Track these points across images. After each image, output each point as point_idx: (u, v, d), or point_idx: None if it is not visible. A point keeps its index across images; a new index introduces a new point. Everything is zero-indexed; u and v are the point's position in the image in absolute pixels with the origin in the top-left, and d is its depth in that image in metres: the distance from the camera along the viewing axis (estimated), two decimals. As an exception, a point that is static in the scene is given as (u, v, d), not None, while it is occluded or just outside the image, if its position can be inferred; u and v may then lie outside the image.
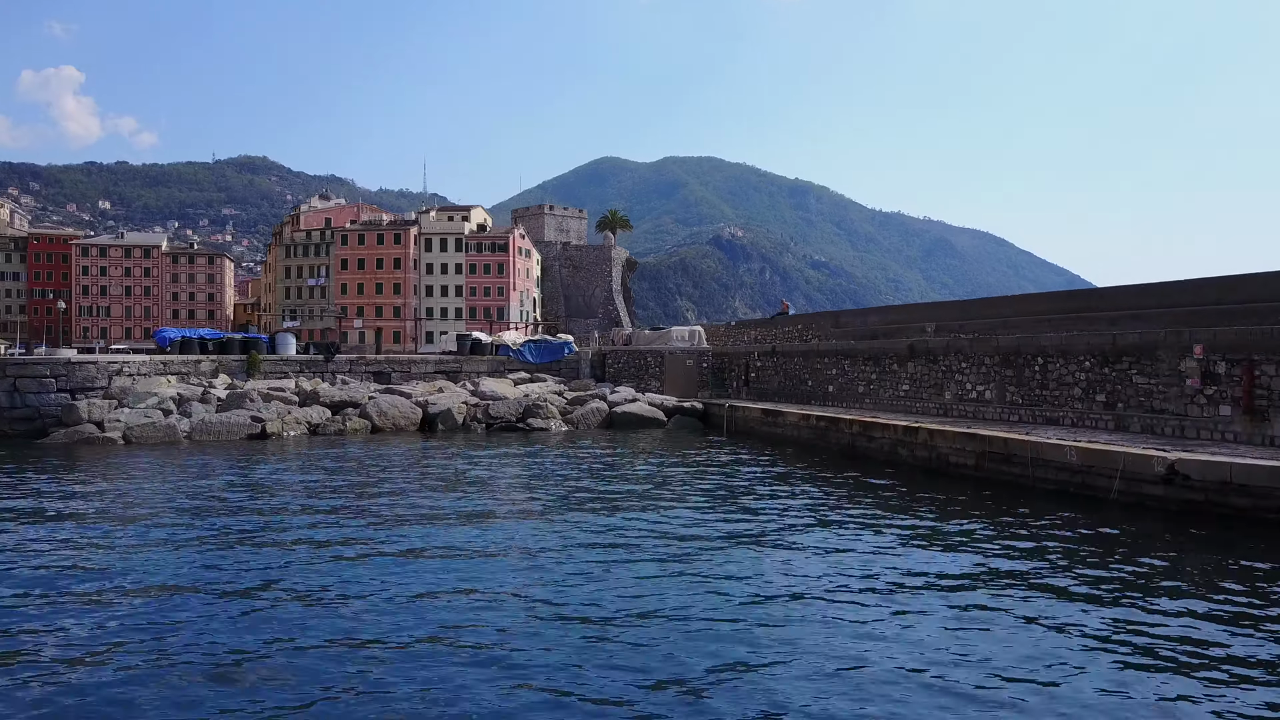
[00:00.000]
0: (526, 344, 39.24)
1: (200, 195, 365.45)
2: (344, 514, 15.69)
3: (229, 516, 15.32)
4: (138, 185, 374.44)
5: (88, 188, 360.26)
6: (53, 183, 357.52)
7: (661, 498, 18.04)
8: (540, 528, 14.74)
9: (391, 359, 37.15)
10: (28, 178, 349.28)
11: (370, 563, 11.95)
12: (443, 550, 12.83)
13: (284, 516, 15.37)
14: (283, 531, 14.08)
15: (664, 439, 30.80)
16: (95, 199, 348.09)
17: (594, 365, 39.65)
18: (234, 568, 11.59)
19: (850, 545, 13.25)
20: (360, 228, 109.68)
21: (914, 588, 10.63)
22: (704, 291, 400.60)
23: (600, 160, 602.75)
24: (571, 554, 12.60)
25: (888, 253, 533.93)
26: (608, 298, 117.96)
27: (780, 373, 34.34)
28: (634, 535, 14.00)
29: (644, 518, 15.67)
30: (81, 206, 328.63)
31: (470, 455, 25.50)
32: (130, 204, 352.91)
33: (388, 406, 31.59)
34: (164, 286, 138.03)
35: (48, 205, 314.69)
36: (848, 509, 16.51)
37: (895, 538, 13.80)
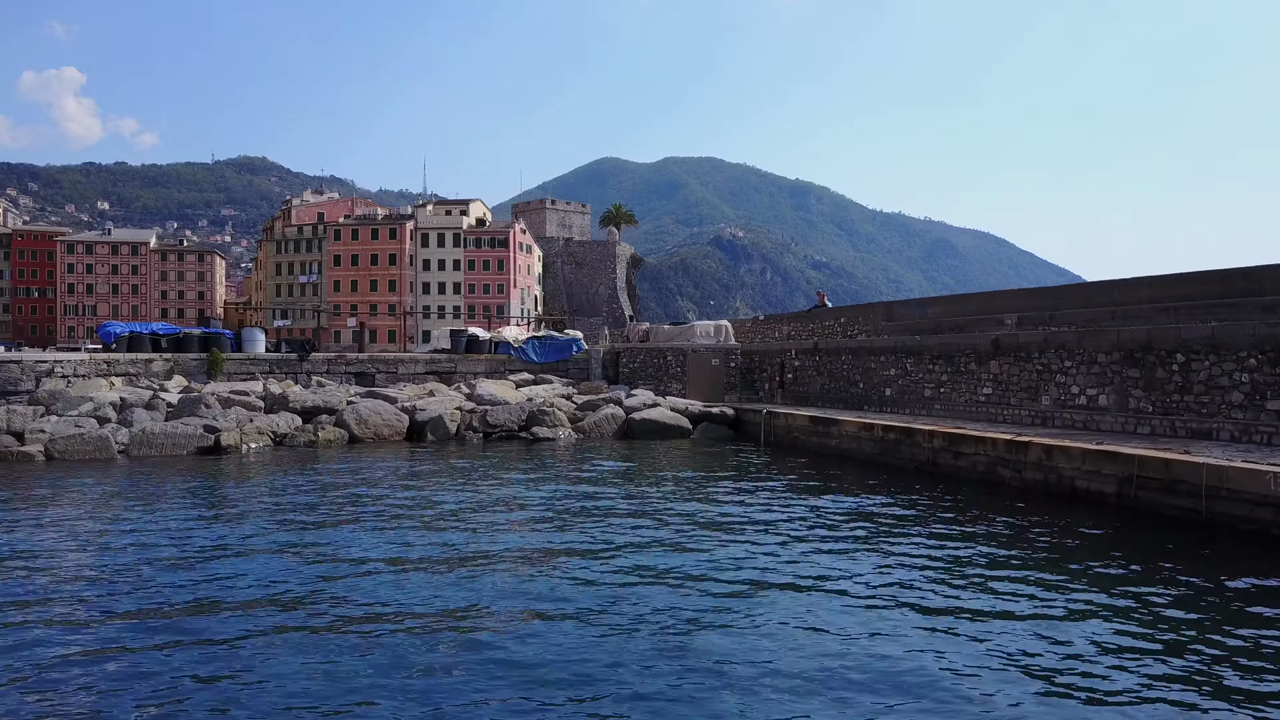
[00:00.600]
0: (529, 341, 34.62)
1: (199, 196, 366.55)
2: (295, 559, 11.11)
3: (128, 576, 10.74)
4: (137, 186, 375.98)
5: (86, 188, 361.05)
6: (51, 183, 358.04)
7: (706, 531, 13.54)
8: (554, 588, 10.15)
9: (376, 358, 32.53)
10: (26, 178, 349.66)
11: (324, 644, 7.38)
12: (425, 614, 8.31)
13: (199, 577, 10.77)
14: (196, 610, 9.48)
15: (691, 451, 26.22)
16: (94, 199, 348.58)
17: (606, 365, 35.04)
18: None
19: (984, 608, 8.71)
20: (354, 222, 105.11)
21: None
22: (705, 292, 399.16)
23: (600, 161, 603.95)
24: (599, 619, 8.11)
25: (889, 253, 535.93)
26: (612, 295, 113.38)
27: (823, 373, 29.72)
28: (680, 589, 9.54)
29: (689, 560, 11.22)
30: (80, 207, 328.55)
31: (463, 472, 20.93)
32: (129, 205, 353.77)
33: (368, 413, 26.99)
34: (153, 285, 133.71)
35: (46, 206, 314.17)
36: (958, 549, 11.94)
37: (1056, 603, 9.26)
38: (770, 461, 23.61)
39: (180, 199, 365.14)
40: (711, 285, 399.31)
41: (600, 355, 34.93)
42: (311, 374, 31.19)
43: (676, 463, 23.64)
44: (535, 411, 28.27)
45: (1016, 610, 9.45)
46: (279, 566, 11.40)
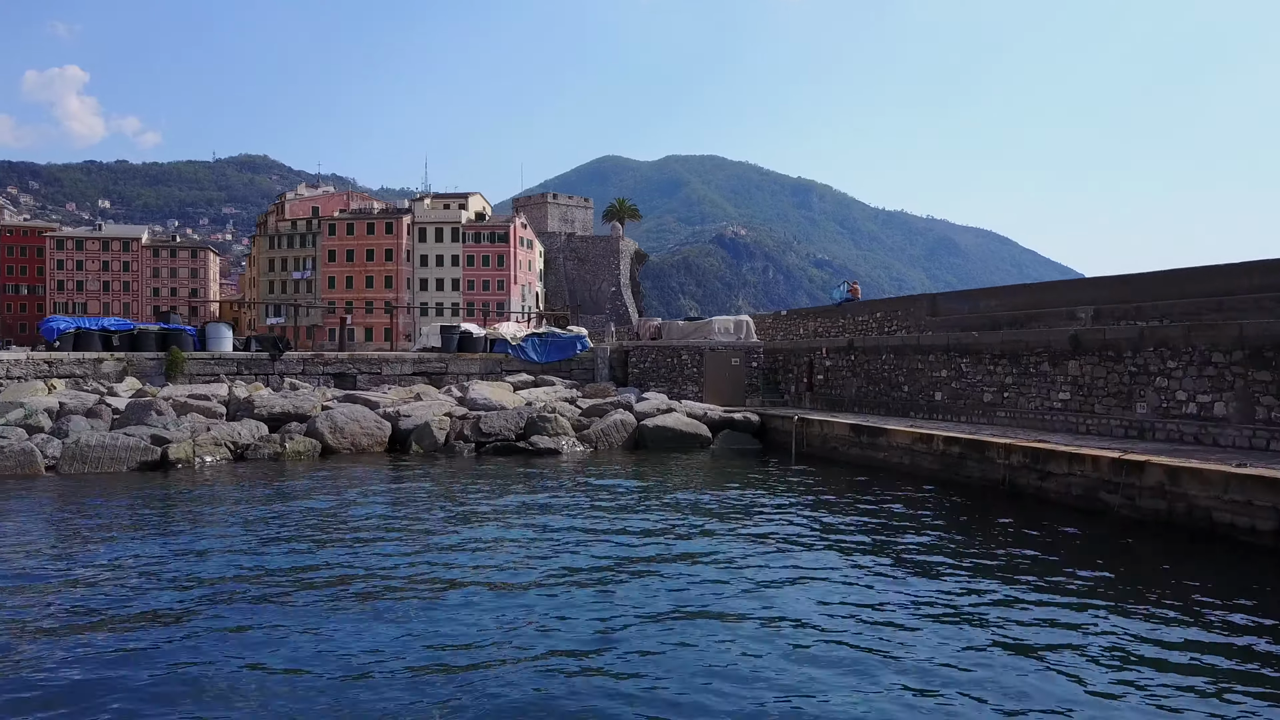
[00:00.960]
0: (529, 339, 31.27)
1: (201, 194, 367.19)
2: (214, 635, 7.76)
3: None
4: (138, 184, 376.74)
5: (88, 187, 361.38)
6: (52, 182, 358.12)
7: (748, 585, 10.33)
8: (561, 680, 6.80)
9: (358, 357, 29.16)
10: (27, 176, 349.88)
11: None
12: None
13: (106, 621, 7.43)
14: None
15: (713, 466, 22.92)
16: (95, 198, 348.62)
17: (613, 365, 31.71)
18: None
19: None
20: (349, 216, 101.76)
21: None
22: (707, 290, 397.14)
23: (602, 159, 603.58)
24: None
25: (891, 251, 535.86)
26: (615, 292, 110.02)
27: (860, 374, 26.36)
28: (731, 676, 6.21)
29: (734, 634, 7.82)
30: (81, 205, 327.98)
31: (449, 495, 17.65)
32: (130, 203, 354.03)
33: (345, 420, 23.65)
34: (145, 282, 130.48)
35: (47, 204, 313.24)
36: (1086, 615, 8.55)
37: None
38: (807, 479, 20.26)
39: (181, 197, 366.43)
40: (714, 284, 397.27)
41: (607, 354, 31.59)
42: (284, 375, 27.86)
43: (699, 481, 20.32)
44: (535, 418, 24.93)
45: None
46: (187, 648, 8.05)
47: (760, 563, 11.86)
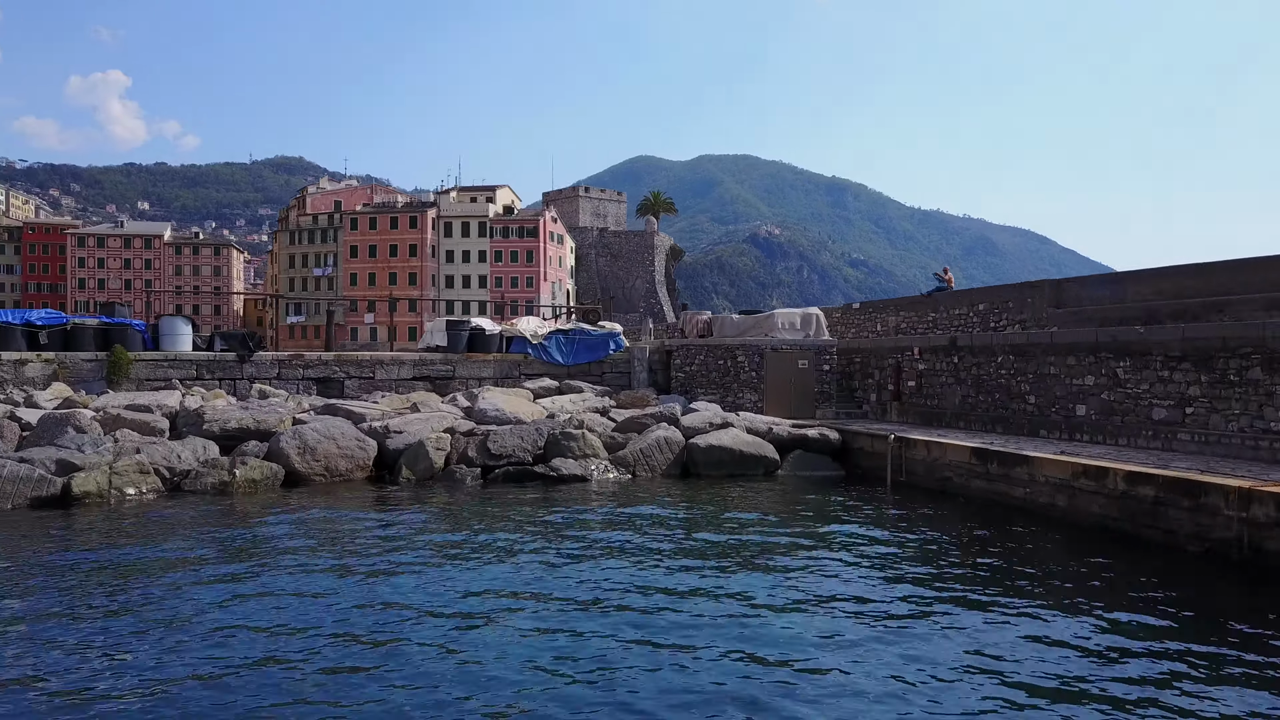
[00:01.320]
0: (553, 337, 26.12)
1: (237, 195, 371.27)
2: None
3: None
4: (176, 186, 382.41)
5: (127, 189, 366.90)
6: (93, 184, 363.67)
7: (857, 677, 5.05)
8: None
9: (346, 359, 24.12)
10: (69, 179, 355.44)
11: None
12: None
13: None
14: None
15: (784, 498, 17.76)
16: (135, 200, 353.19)
17: (653, 368, 26.51)
18: None
19: None
20: (372, 210, 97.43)
21: None
22: (741, 290, 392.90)
23: (635, 159, 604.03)
24: None
25: (927, 251, 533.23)
26: (650, 290, 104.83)
27: (966, 381, 20.94)
28: None
29: None
30: (121, 207, 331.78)
31: (438, 548, 12.60)
32: (169, 204, 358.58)
33: (317, 439, 18.63)
34: (167, 279, 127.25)
35: (88, 206, 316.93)
36: None
37: None
38: (916, 522, 14.98)
39: (219, 199, 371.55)
40: (748, 283, 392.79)
41: (646, 356, 26.36)
42: (255, 380, 22.92)
43: (769, 522, 15.14)
44: (557, 436, 19.78)
45: None
46: None
47: (872, 657, 6.60)
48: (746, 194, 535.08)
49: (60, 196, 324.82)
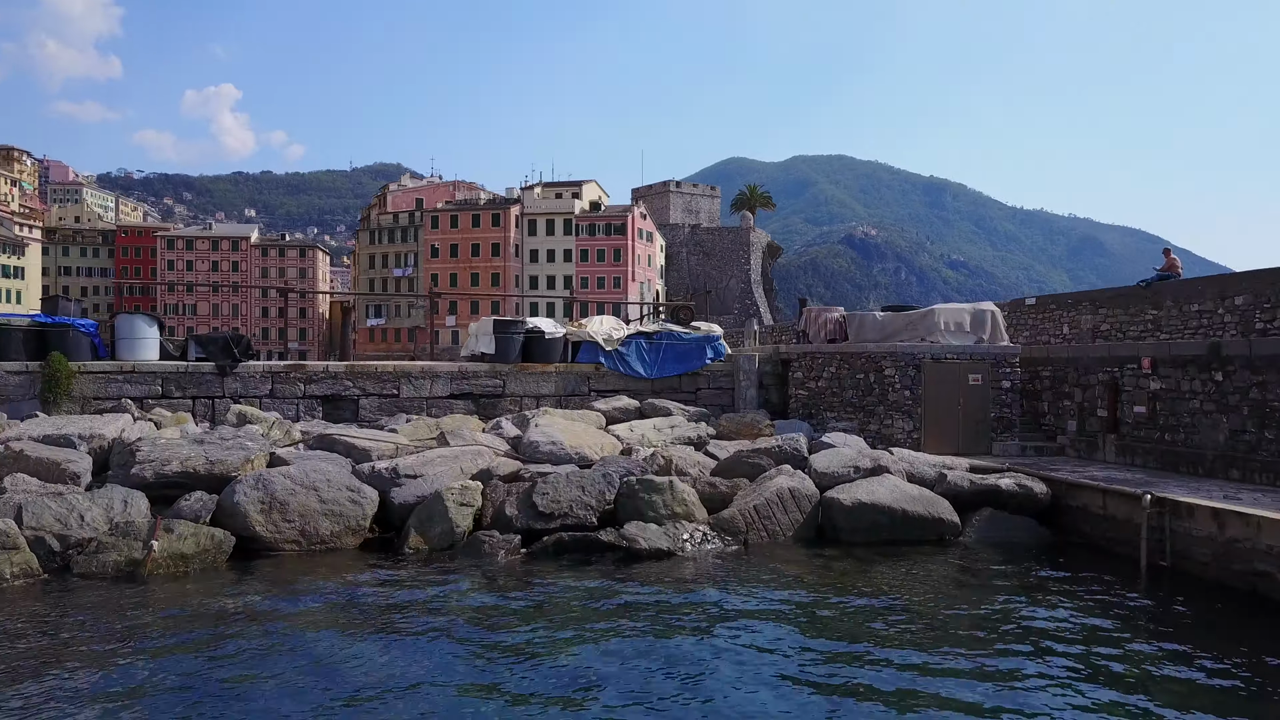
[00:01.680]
0: (633, 341, 19.97)
1: (338, 202, 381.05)
2: None
3: None
4: (280, 193, 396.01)
5: (235, 196, 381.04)
6: (204, 192, 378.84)
7: None
8: None
9: (362, 370, 18.38)
10: (182, 188, 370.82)
11: None
12: None
13: None
14: None
15: (978, 590, 11.43)
16: (242, 207, 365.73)
17: (764, 383, 20.16)
18: None
19: None
20: (453, 208, 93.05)
21: None
22: (836, 292, 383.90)
23: (727, 161, 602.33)
24: None
25: (1030, 252, 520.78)
26: (745, 290, 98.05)
27: (1240, 409, 14.04)
28: None
29: None
30: (229, 214, 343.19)
31: (448, 680, 6.57)
32: (274, 211, 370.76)
33: (290, 490, 12.89)
34: (253, 280, 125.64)
35: (199, 214, 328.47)
36: None
37: None
38: (1224, 650, 8.34)
39: (320, 205, 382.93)
40: (843, 285, 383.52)
41: (755, 367, 19.97)
42: (240, 397, 17.36)
43: (982, 644, 8.74)
44: (634, 485, 13.67)
45: None
46: None
47: None
48: (841, 194, 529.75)
49: (173, 205, 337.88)
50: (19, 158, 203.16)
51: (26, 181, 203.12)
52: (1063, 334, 20.53)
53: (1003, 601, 11.12)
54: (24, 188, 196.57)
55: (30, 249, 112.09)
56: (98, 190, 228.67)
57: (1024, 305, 22.11)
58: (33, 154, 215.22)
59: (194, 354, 17.34)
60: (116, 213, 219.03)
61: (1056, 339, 20.71)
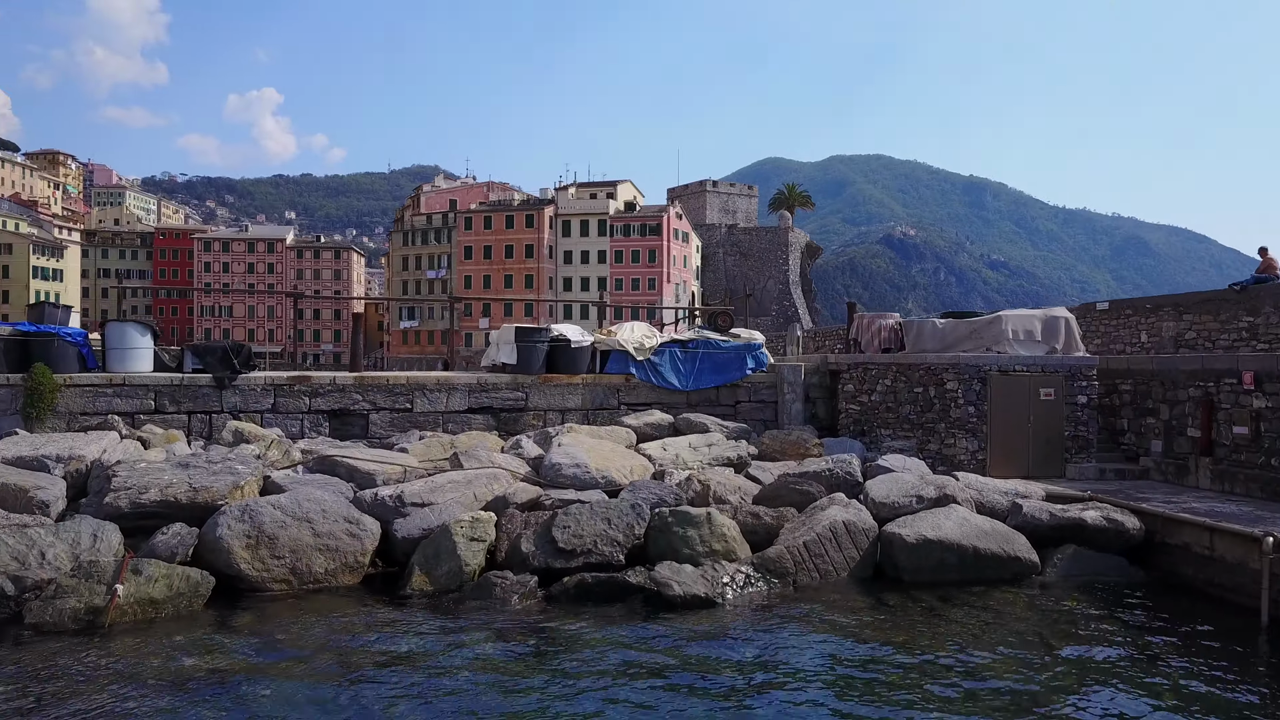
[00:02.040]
0: (666, 350, 18.36)
1: (376, 204, 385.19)
2: None
3: None
4: (320, 195, 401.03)
5: (276, 199, 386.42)
6: (245, 195, 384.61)
7: None
8: None
9: (372, 382, 16.90)
10: (224, 191, 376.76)
11: None
12: None
13: None
14: None
15: (1066, 642, 9.63)
16: (282, 209, 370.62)
17: (811, 396, 18.47)
18: None
19: None
20: (486, 209, 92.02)
21: None
22: (874, 293, 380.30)
23: (763, 161, 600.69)
24: None
25: (1072, 252, 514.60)
26: (783, 291, 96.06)
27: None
28: None
29: None
30: (270, 216, 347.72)
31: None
32: (314, 213, 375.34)
33: (280, 522, 11.47)
34: (288, 283, 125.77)
35: (240, 216, 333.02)
36: None
37: None
38: None
39: (359, 207, 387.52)
40: (882, 286, 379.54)
41: (801, 379, 18.27)
42: (240, 412, 15.99)
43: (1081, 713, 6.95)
44: (667, 520, 12.08)
45: None
46: None
47: None
48: (879, 194, 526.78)
49: (216, 208, 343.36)
50: (64, 161, 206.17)
51: (71, 185, 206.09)
52: (1140, 342, 18.62)
53: (1096, 659, 9.41)
54: (69, 191, 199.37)
55: (69, 251, 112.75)
56: (140, 193, 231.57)
57: (1095, 310, 20.20)
58: (77, 158, 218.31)
59: (190, 365, 16.00)
60: (158, 215, 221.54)
61: (1133, 347, 18.81)
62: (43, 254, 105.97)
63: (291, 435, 16.09)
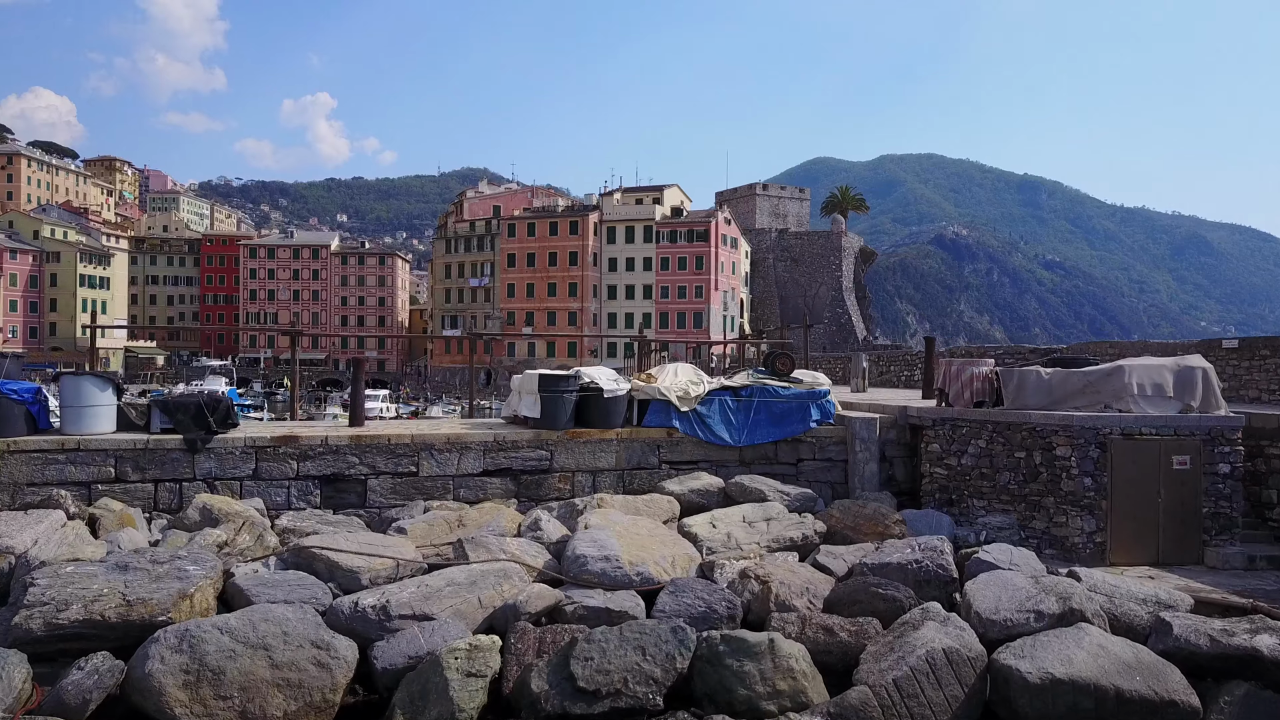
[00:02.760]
0: (716, 399, 15.69)
1: (426, 206, 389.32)
2: None
3: None
4: (371, 198, 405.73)
5: (328, 202, 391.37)
6: (298, 198, 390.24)
7: None
8: None
9: (370, 443, 14.39)
10: (278, 195, 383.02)
11: None
12: None
13: None
14: None
15: None
16: (334, 212, 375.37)
17: (887, 454, 15.70)
18: None
19: None
20: (530, 216, 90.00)
21: None
22: (926, 294, 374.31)
23: (812, 161, 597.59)
24: None
25: (1130, 251, 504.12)
26: (836, 298, 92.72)
27: None
28: None
29: None
30: (322, 220, 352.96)
31: None
32: (364, 216, 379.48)
33: (226, 652, 9.06)
34: (333, 290, 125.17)
35: (293, 219, 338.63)
36: None
37: None
38: None
39: (409, 210, 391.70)
40: (933, 287, 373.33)
41: (875, 434, 15.50)
42: (216, 479, 13.64)
43: None
44: (717, 648, 9.45)
45: None
46: None
47: None
48: (931, 193, 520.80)
49: (270, 211, 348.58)
50: (120, 168, 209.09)
51: (127, 191, 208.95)
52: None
53: None
54: (124, 196, 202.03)
55: (117, 259, 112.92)
56: (193, 198, 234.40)
57: (1220, 348, 17.16)
58: (133, 164, 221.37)
59: (159, 424, 13.69)
60: (211, 220, 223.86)
61: (1271, 395, 15.77)
62: (90, 262, 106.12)
63: (276, 506, 13.73)
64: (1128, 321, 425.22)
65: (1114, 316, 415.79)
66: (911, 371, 28.55)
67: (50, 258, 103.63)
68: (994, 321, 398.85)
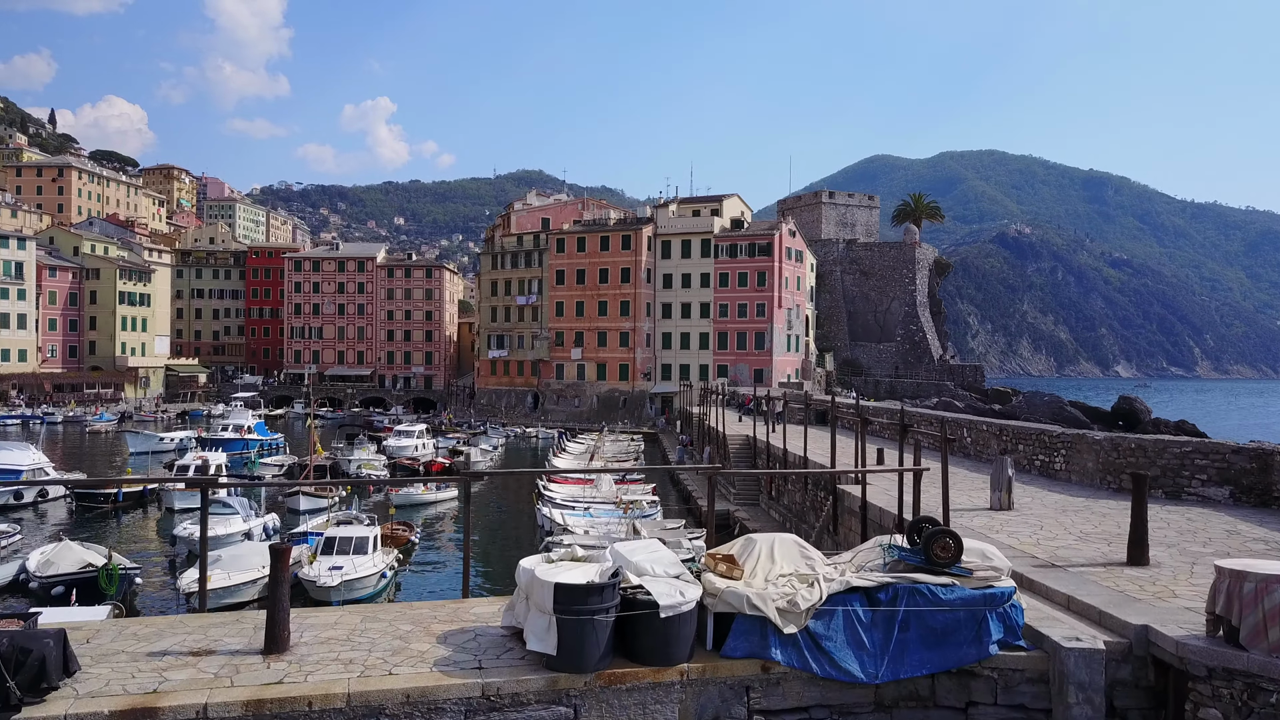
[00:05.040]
0: (840, 611, 9.81)
1: (481, 209, 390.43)
2: None
3: None
4: (428, 201, 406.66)
5: (385, 205, 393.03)
6: (357, 202, 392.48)
7: None
8: None
9: (281, 711, 8.90)
10: (337, 198, 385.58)
11: None
12: None
13: None
14: None
15: None
16: (391, 215, 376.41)
17: (1114, 707, 9.60)
18: None
19: None
20: (579, 229, 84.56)
21: None
22: (987, 294, 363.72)
23: (871, 159, 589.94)
24: None
25: (1201, 248, 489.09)
26: (909, 314, 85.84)
27: None
28: None
29: None
30: (380, 223, 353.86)
31: None
32: (421, 219, 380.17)
33: None
34: (379, 303, 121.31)
35: (351, 223, 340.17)
36: None
37: None
38: None
39: (465, 213, 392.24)
40: (995, 286, 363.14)
41: (1099, 675, 9.49)
42: None
43: None
44: None
45: None
46: None
47: None
48: (992, 191, 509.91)
49: (329, 215, 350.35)
50: (178, 176, 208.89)
51: (185, 199, 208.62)
52: None
53: None
54: (182, 205, 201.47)
55: (158, 275, 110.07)
56: (249, 205, 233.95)
57: None
58: (191, 171, 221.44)
59: None
60: (267, 228, 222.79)
61: None
62: (130, 279, 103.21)
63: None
64: (1198, 321, 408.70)
65: (1184, 315, 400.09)
66: (1050, 457, 22.33)
67: (90, 274, 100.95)
68: (1058, 322, 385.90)
